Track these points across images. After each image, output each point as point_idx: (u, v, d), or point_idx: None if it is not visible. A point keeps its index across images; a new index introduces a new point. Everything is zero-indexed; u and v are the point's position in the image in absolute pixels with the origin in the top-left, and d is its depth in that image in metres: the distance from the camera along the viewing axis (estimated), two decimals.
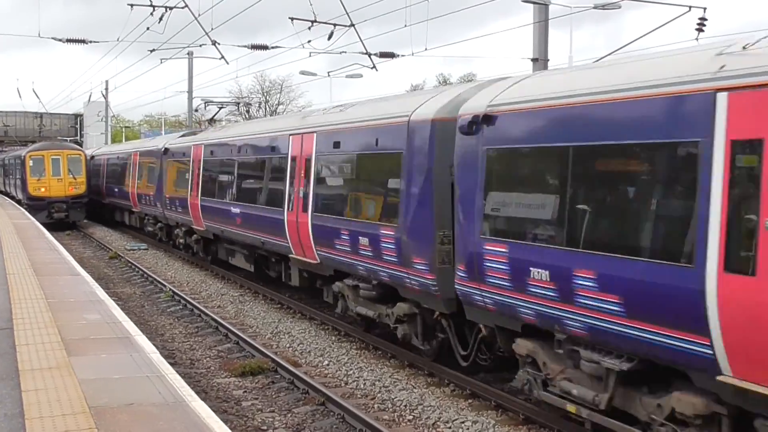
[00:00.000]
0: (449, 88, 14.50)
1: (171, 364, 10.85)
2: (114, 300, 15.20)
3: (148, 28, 27.02)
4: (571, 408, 9.65)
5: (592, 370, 9.18)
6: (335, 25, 22.82)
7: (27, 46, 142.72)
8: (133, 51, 39.63)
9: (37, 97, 75.85)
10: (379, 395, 12.32)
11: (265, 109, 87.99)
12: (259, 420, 11.29)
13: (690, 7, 15.45)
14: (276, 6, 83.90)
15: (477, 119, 10.77)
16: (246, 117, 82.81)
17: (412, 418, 11.26)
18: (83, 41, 27.55)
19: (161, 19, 25.30)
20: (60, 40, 27.33)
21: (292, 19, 22.72)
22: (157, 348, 11.16)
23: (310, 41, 25.22)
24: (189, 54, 47.02)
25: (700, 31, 14.33)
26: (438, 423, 10.96)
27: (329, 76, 34.47)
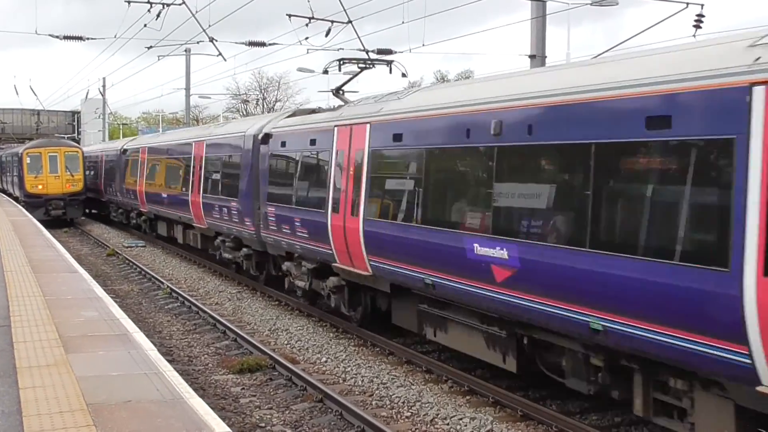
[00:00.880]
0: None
1: (169, 361, 10.84)
2: (112, 297, 15.18)
3: (146, 25, 26.97)
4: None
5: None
6: (333, 21, 22.79)
7: (24, 43, 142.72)
8: (130, 48, 39.53)
9: (35, 94, 75.64)
10: (377, 392, 12.32)
11: (263, 106, 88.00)
12: (257, 417, 11.29)
13: (687, 3, 15.45)
14: (274, 3, 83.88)
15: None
16: (243, 114, 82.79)
17: (410, 414, 11.26)
18: (80, 38, 27.51)
19: (158, 15, 25.26)
20: (57, 37, 27.31)
21: (290, 15, 22.71)
22: (155, 345, 11.15)
23: (307, 38, 25.21)
24: (186, 51, 46.94)
25: (698, 27, 14.33)
26: (436, 419, 10.96)
27: (327, 73, 34.44)
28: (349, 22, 22.46)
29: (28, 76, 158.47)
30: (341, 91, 18.13)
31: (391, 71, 17.22)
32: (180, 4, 24.57)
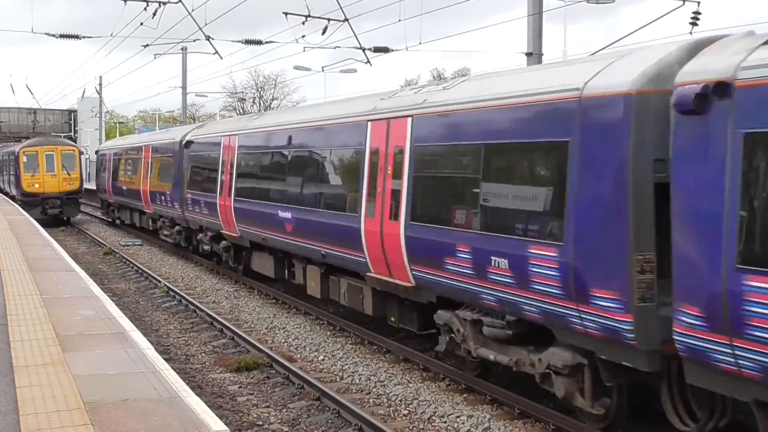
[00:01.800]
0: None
1: (166, 359, 10.84)
2: (109, 296, 15.18)
3: (142, 24, 26.99)
4: None
5: None
6: (329, 20, 22.80)
7: (21, 42, 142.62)
8: (127, 46, 39.55)
9: (31, 93, 75.89)
10: (374, 390, 12.33)
11: (259, 104, 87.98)
12: (255, 415, 11.29)
13: (684, 0, 15.46)
14: (270, 1, 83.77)
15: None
16: (240, 112, 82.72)
17: (407, 412, 11.27)
18: (77, 36, 27.53)
19: (155, 14, 25.26)
20: (53, 36, 27.30)
21: (286, 14, 22.72)
22: (152, 344, 11.14)
23: (304, 36, 25.22)
24: (183, 49, 46.88)
25: (694, 25, 14.33)
26: (433, 417, 10.97)
27: (323, 71, 34.47)
28: (346, 20, 22.48)
29: (25, 75, 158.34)
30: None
31: None
32: (176, 3, 24.58)
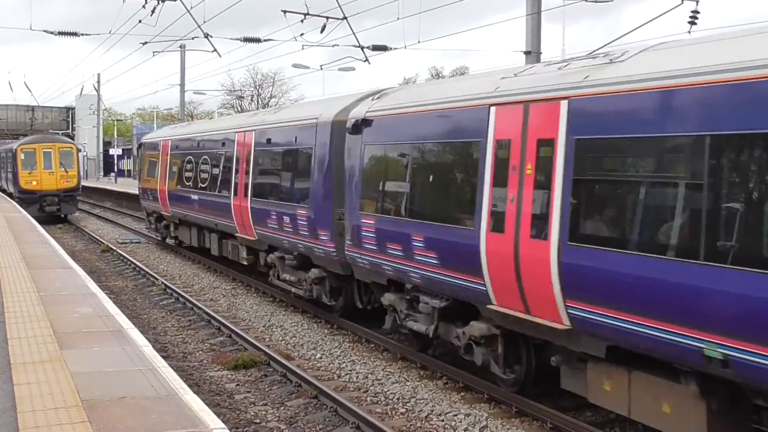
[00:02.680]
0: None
1: (163, 357, 10.84)
2: (106, 293, 15.16)
3: (141, 21, 26.97)
4: None
5: None
6: (328, 18, 22.78)
7: (20, 40, 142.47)
8: (125, 44, 39.56)
9: (29, 90, 75.89)
10: (371, 388, 12.33)
11: (258, 102, 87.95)
12: (252, 413, 11.29)
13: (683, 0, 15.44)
14: None
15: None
16: (238, 110, 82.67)
17: (404, 411, 11.27)
18: (75, 34, 27.51)
19: (153, 11, 25.24)
20: (52, 33, 27.27)
21: (285, 12, 22.68)
22: (149, 341, 11.13)
23: (303, 34, 25.22)
24: (181, 47, 46.87)
25: (693, 24, 14.32)
26: (431, 416, 10.97)
27: (321, 69, 34.44)
28: (344, 18, 22.46)
29: (23, 72, 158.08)
30: None
31: None
32: (175, 0, 24.54)
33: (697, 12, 13.10)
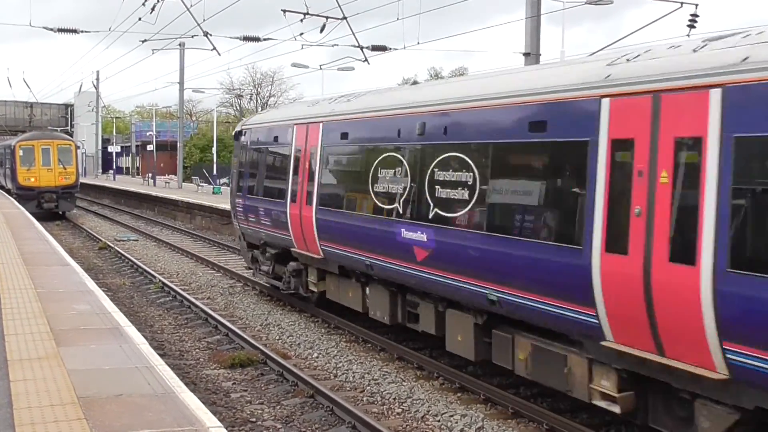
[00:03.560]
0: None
1: (160, 355, 10.83)
2: (103, 291, 15.16)
3: (140, 19, 26.96)
4: None
5: None
6: (327, 17, 22.80)
7: (19, 36, 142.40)
8: (124, 41, 39.54)
9: (28, 86, 75.78)
10: (368, 388, 12.33)
11: (257, 101, 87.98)
12: (248, 412, 11.29)
13: (682, 3, 15.49)
14: None
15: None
16: (237, 108, 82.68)
17: (401, 411, 11.28)
18: (74, 31, 27.48)
19: (153, 9, 25.24)
20: (51, 30, 27.25)
21: (285, 11, 22.70)
22: (146, 339, 11.13)
23: (302, 34, 25.25)
24: (181, 45, 46.86)
25: (692, 27, 14.36)
26: (427, 416, 10.98)
27: (321, 69, 34.46)
28: (344, 18, 22.48)
29: (22, 69, 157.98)
30: None
31: None
32: None
33: (696, 15, 13.13)
